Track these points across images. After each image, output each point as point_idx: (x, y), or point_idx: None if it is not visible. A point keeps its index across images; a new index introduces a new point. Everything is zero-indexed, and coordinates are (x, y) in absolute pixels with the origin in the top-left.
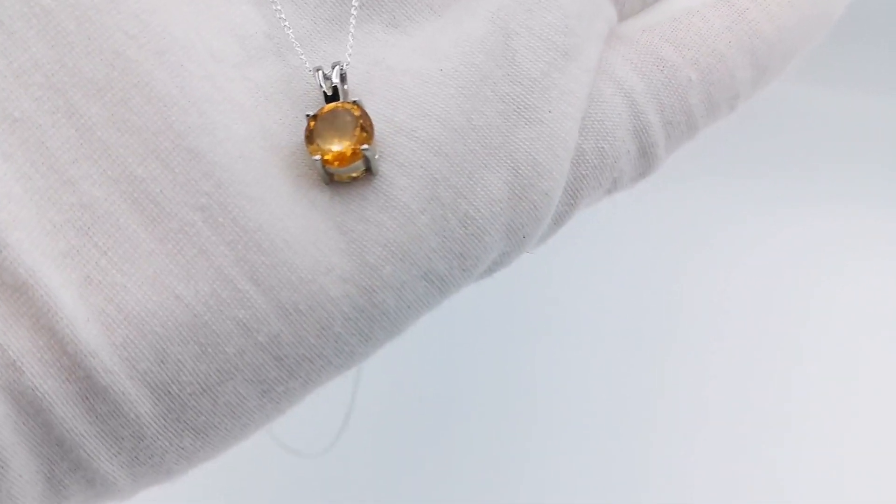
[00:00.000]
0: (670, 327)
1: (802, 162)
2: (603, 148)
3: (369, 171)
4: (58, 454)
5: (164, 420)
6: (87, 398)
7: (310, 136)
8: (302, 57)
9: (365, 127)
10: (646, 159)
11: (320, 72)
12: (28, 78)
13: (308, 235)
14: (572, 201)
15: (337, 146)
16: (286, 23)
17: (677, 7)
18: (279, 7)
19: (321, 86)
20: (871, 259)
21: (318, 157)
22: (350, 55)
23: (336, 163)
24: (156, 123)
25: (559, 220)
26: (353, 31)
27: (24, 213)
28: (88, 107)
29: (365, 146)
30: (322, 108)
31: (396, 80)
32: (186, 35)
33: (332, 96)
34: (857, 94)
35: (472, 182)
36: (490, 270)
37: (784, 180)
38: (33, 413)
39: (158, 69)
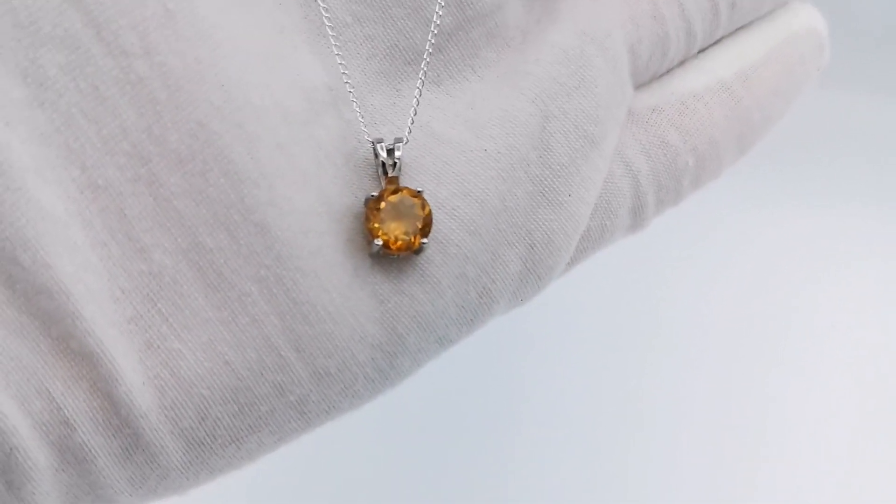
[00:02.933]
0: (661, 325)
1: (796, 161)
2: (605, 224)
3: (417, 252)
4: (85, 491)
5: (191, 465)
6: (128, 450)
7: (371, 218)
8: (362, 125)
9: (427, 221)
10: (634, 230)
11: (381, 144)
12: (115, 145)
13: (349, 305)
14: (568, 268)
15: (399, 235)
16: (348, 78)
17: (684, 89)
18: (342, 63)
19: (380, 156)
20: (864, 259)
21: (379, 242)
22: (410, 129)
23: (395, 249)
24: (229, 196)
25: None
26: (416, 106)
27: (97, 282)
28: (169, 177)
29: (424, 240)
30: (385, 192)
31: (441, 152)
32: (263, 101)
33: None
34: (854, 94)
35: (494, 259)
36: None
37: (778, 179)
38: (75, 463)
39: (237, 142)
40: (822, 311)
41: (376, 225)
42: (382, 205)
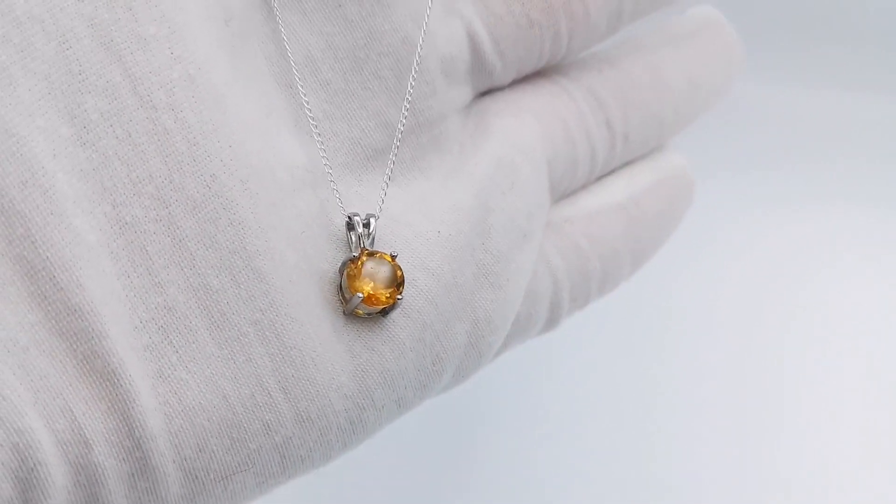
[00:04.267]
0: (665, 328)
1: (797, 161)
2: (531, 313)
3: (384, 313)
4: None
5: (183, 500)
6: (133, 475)
7: (353, 275)
8: (339, 202)
9: (401, 282)
10: (550, 325)
11: (357, 217)
12: (143, 187)
13: (328, 356)
14: (500, 351)
15: (376, 290)
16: (327, 162)
17: (590, 206)
18: (323, 148)
19: (355, 228)
20: (866, 259)
21: (361, 294)
22: (381, 208)
23: (371, 304)
24: (234, 243)
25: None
26: (384, 194)
27: (120, 309)
28: (185, 220)
29: (399, 297)
30: (363, 254)
31: (400, 232)
32: (260, 164)
33: (358, 240)
34: (854, 94)
35: (447, 329)
36: None
37: (778, 179)
38: (87, 485)
39: (242, 195)
40: (829, 310)
41: (356, 283)
42: (360, 264)
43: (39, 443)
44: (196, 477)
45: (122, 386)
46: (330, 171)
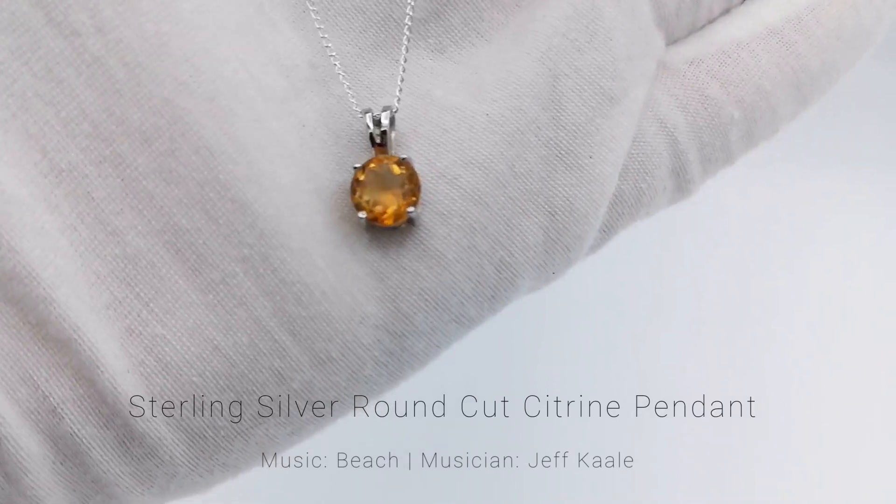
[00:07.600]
0: (659, 305)
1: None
2: (641, 188)
3: (410, 223)
4: (93, 489)
5: (198, 460)
6: (124, 443)
7: (356, 189)
8: (349, 92)
9: (413, 188)
10: (681, 193)
11: (369, 115)
12: (76, 127)
13: (345, 285)
14: (606, 237)
15: (383, 204)
16: (333, 52)
17: (726, 38)
18: (325, 35)
19: (369, 127)
20: (860, 222)
21: (363, 214)
22: (399, 98)
23: (381, 220)
24: (202, 174)
25: (590, 251)
26: (402, 73)
27: (69, 266)
28: (135, 157)
29: (411, 209)
30: (370, 161)
31: (441, 120)
32: (236, 74)
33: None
34: (857, 94)
35: (509, 229)
36: None
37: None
38: (71, 455)
39: (207, 117)
40: (826, 304)
41: (361, 197)
42: (363, 175)
43: (2, 416)
44: (203, 436)
45: (83, 352)
46: (336, 62)
